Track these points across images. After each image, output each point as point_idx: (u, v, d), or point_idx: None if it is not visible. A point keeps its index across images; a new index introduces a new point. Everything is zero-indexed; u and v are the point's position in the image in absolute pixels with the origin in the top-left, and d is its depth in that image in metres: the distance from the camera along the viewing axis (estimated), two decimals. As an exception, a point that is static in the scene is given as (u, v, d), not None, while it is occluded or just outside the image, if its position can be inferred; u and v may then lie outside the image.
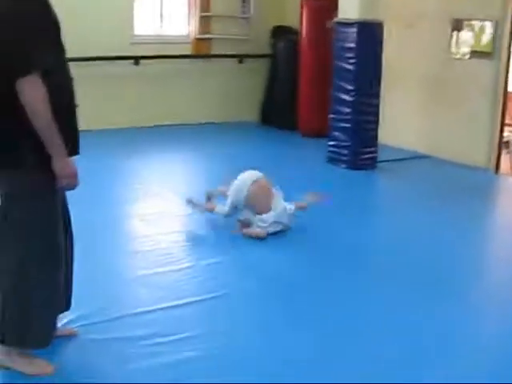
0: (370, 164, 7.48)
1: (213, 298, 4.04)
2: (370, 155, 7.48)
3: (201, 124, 9.81)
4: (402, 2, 8.27)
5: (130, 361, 3.28)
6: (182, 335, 3.55)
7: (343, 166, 7.43)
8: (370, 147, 7.46)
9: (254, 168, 5.51)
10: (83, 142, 3.01)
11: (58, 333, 3.36)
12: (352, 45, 7.14)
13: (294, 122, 9.49)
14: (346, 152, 7.41)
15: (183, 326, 3.68)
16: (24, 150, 2.84)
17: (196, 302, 3.99)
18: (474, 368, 3.35)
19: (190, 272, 4.44)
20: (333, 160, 7.55)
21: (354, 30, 7.08)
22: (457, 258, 4.95)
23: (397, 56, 8.34)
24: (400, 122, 8.51)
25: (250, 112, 10.32)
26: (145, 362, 3.27)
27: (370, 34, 7.15)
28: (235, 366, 3.28)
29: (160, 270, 4.46)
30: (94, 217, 5.34)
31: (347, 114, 7.31)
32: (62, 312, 3.38)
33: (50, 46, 2.78)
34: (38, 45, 2.71)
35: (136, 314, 3.78)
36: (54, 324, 3.20)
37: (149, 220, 5.53)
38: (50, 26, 2.77)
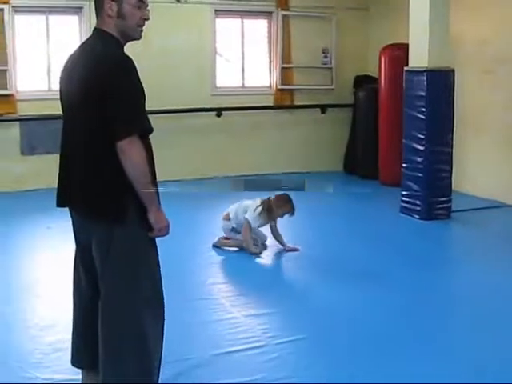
0: (444, 214, 7.25)
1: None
2: (444, 205, 7.25)
3: (284, 174, 9.83)
4: (478, 48, 8.09)
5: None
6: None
7: (416, 216, 7.24)
8: (444, 196, 7.24)
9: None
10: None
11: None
12: (422, 93, 7.03)
13: (376, 171, 9.39)
14: (418, 202, 7.23)
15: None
16: (126, 203, 2.91)
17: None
18: None
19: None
20: (406, 210, 7.39)
21: (424, 78, 6.98)
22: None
23: (474, 102, 8.16)
24: (479, 170, 8.26)
25: (334, 161, 10.29)
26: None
27: (440, 81, 7.02)
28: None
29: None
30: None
31: (419, 163, 7.16)
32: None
33: (145, 111, 2.93)
34: (140, 110, 2.88)
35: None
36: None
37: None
38: (143, 93, 2.92)
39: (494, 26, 7.90)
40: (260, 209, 5.71)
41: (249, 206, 5.79)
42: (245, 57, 10.00)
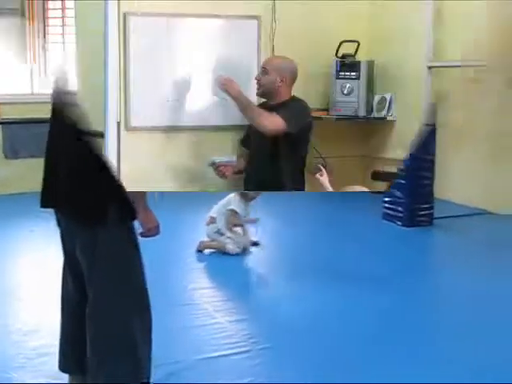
0: (427, 221, 7.31)
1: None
2: (427, 212, 7.32)
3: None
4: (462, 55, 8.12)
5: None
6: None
7: (399, 223, 7.29)
8: (426, 203, 7.30)
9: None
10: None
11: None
12: (405, 101, 7.07)
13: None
14: (401, 209, 7.29)
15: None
16: (107, 203, 2.89)
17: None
18: None
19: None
20: (388, 217, 7.44)
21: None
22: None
23: (458, 110, 8.19)
24: (461, 178, 8.29)
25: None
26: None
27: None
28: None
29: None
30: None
31: (402, 170, 7.18)
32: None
33: None
34: None
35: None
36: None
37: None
38: None
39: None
40: (238, 197, 6.27)
41: (229, 200, 6.35)
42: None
